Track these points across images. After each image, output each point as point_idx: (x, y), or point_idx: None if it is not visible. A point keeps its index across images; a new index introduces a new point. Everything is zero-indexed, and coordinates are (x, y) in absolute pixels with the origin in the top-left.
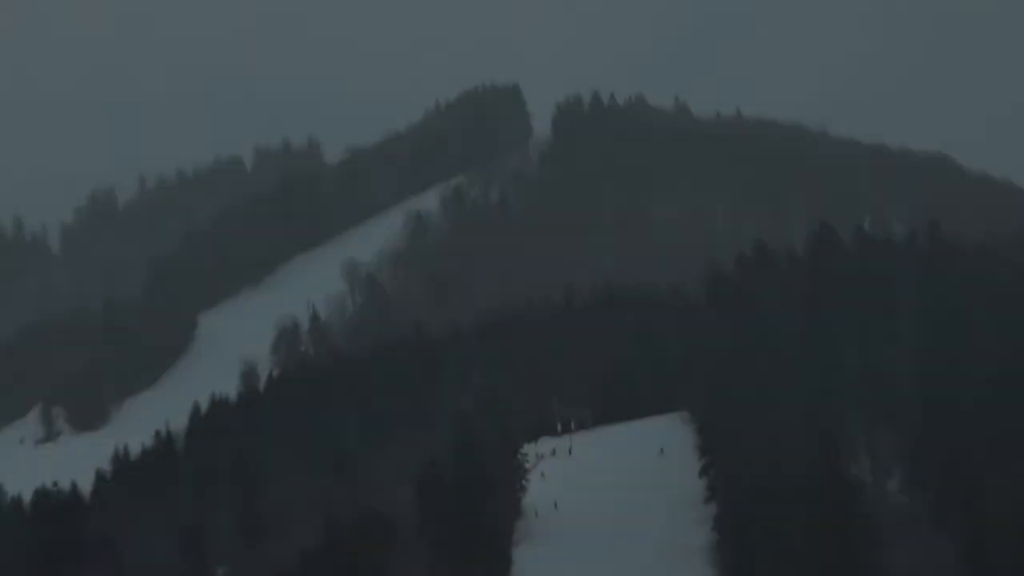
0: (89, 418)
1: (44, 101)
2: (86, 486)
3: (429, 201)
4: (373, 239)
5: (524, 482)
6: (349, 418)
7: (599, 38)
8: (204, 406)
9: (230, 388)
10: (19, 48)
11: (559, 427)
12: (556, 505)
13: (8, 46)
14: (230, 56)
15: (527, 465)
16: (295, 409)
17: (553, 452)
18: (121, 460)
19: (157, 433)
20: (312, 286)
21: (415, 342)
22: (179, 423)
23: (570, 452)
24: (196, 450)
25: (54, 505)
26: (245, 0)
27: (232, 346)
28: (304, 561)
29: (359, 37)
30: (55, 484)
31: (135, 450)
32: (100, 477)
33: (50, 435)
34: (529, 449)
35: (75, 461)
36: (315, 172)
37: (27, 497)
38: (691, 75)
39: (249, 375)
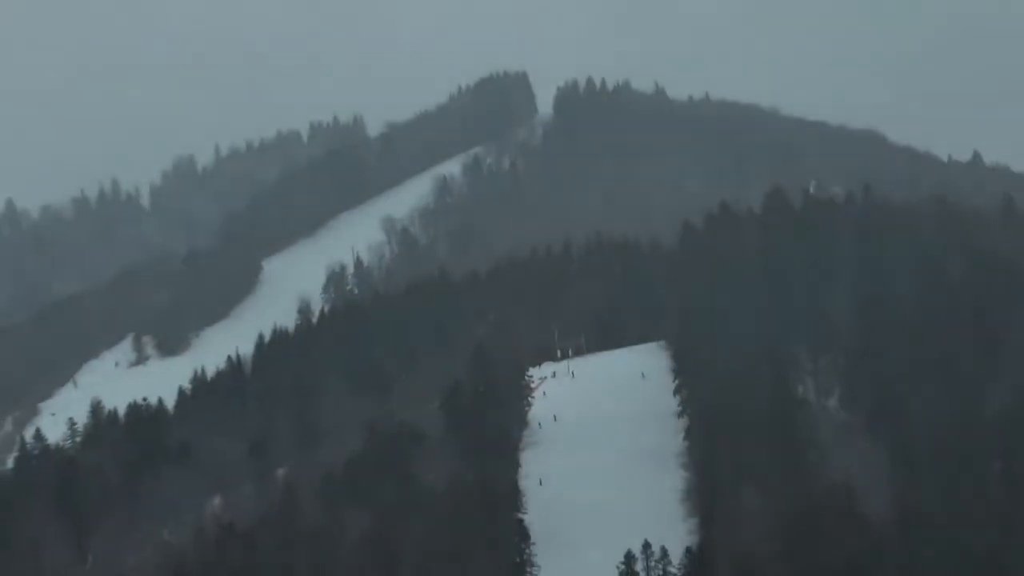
0: (172, 346)
1: (135, 77)
2: (169, 401)
3: (452, 167)
4: (406, 198)
5: (529, 399)
6: (386, 346)
7: (593, 33)
8: (267, 336)
9: (288, 321)
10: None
11: (558, 353)
12: (555, 418)
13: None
14: (293, 46)
15: (532, 385)
16: (341, 338)
17: (553, 374)
18: (198, 380)
19: (228, 358)
20: (356, 237)
21: (440, 283)
22: (246, 350)
23: (570, 374)
24: (260, 372)
25: (143, 417)
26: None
27: (290, 287)
28: (349, 463)
29: (396, 34)
30: (144, 400)
31: (210, 372)
32: (181, 394)
33: (140, 360)
34: (534, 372)
35: (160, 381)
36: (359, 143)
37: (121, 410)
38: (668, 64)
39: (304, 311)
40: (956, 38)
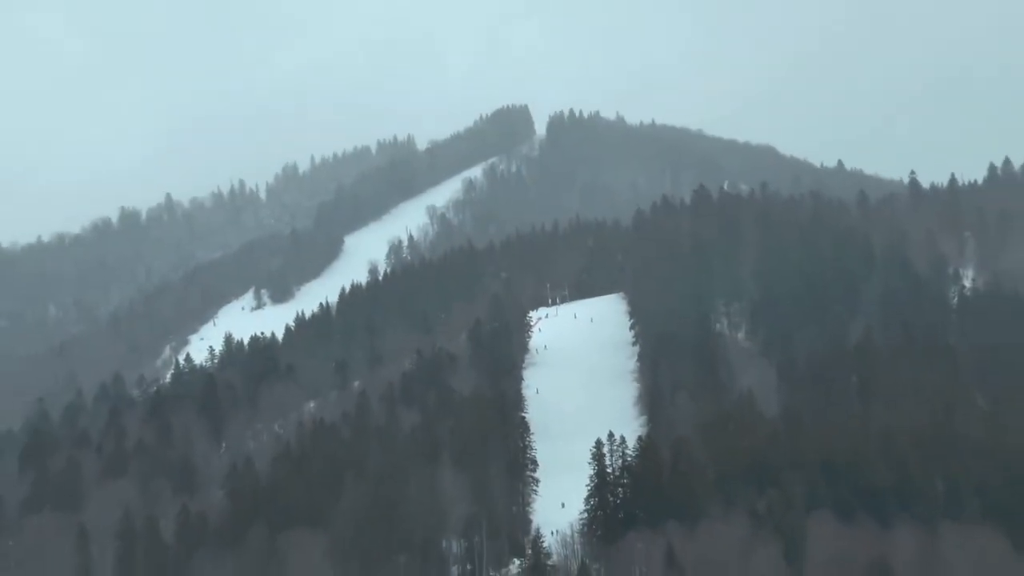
0: (281, 296)
1: (256, 104)
2: (279, 335)
3: (476, 172)
4: (444, 193)
5: (529, 333)
6: (429, 295)
7: (574, 76)
8: (347, 289)
9: (362, 279)
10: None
11: (549, 302)
12: (546, 347)
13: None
14: (369, 85)
15: (531, 324)
16: (398, 291)
17: (546, 316)
18: (299, 320)
19: (320, 305)
20: (409, 220)
21: (466, 252)
22: (333, 299)
23: (557, 316)
24: (342, 314)
25: (261, 345)
26: (382, 56)
27: (363, 255)
28: (403, 377)
29: (438, 78)
30: (261, 334)
31: (307, 315)
32: (287, 330)
33: (259, 306)
34: (532, 315)
35: (273, 321)
36: (411, 155)
37: (246, 341)
38: (626, 97)
39: (372, 271)
40: (821, 74)
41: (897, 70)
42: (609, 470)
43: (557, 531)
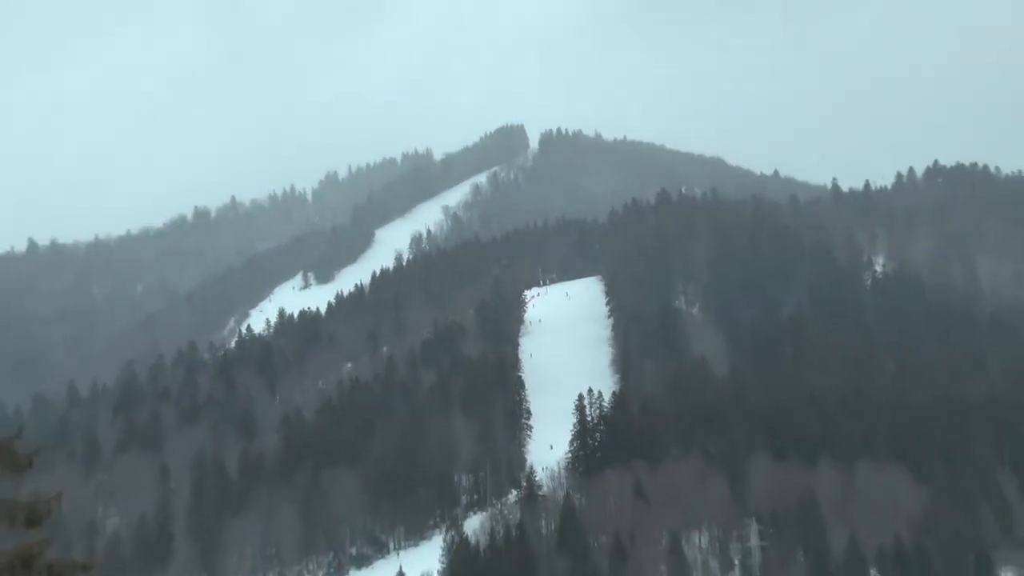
0: (324, 278)
1: (301, 121)
2: (323, 309)
3: (482, 179)
4: (456, 196)
5: (524, 309)
6: (444, 278)
7: (561, 98)
8: (377, 273)
9: (389, 265)
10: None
11: (541, 283)
12: (540, 320)
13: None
14: (393, 103)
15: (526, 301)
16: (419, 275)
17: (538, 294)
18: (339, 298)
19: (356, 286)
20: (428, 217)
21: (474, 244)
22: (366, 281)
23: (547, 294)
24: (374, 293)
25: (308, 318)
26: (401, 75)
27: (390, 245)
28: (423, 344)
29: (452, 100)
30: (308, 308)
31: (346, 293)
32: (329, 306)
33: (306, 286)
34: (527, 293)
35: (318, 298)
36: (429, 164)
37: (295, 314)
38: (603, 116)
39: (398, 259)
40: (760, 99)
41: (819, 95)
42: (589, 419)
43: (546, 468)
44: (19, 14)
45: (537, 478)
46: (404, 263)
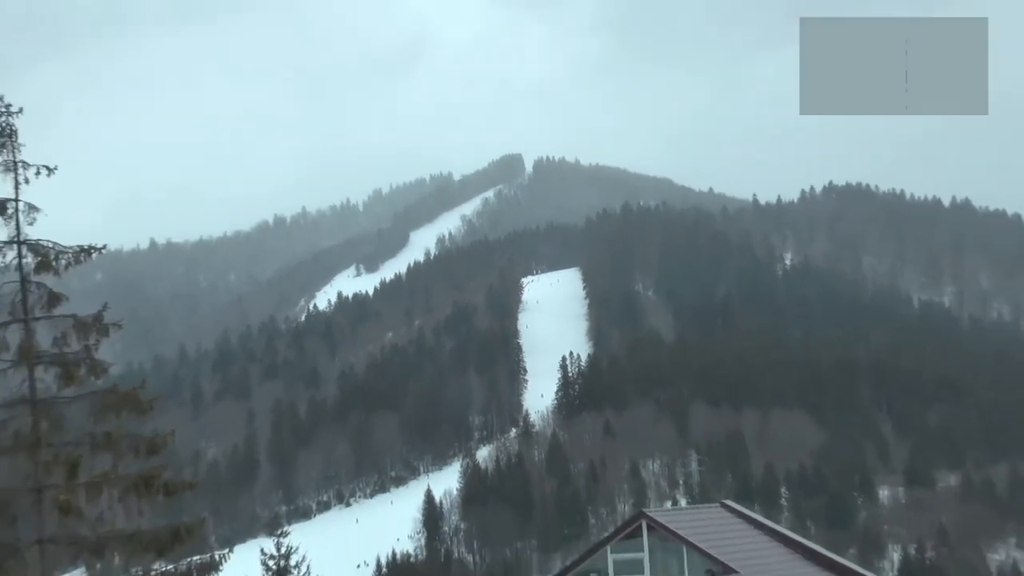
0: (372, 268)
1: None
2: (371, 292)
3: (490, 194)
4: (471, 207)
5: (522, 292)
6: (462, 268)
7: (548, 134)
8: (412, 265)
9: (421, 259)
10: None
11: (534, 272)
12: (538, 301)
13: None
14: (423, 134)
15: (523, 286)
16: (443, 267)
17: (532, 281)
18: (383, 284)
19: (395, 274)
20: (448, 224)
21: (485, 243)
22: (402, 272)
23: (539, 282)
24: (409, 280)
25: (359, 299)
26: (429, 114)
27: (420, 245)
28: (446, 319)
29: (468, 138)
30: (360, 292)
31: (388, 280)
32: (375, 290)
33: (359, 274)
34: (524, 280)
35: (367, 285)
36: (450, 184)
37: (350, 297)
38: (579, 145)
39: (427, 255)
40: (698, 129)
41: (744, 128)
42: (570, 375)
43: (538, 412)
44: (147, 61)
45: (531, 419)
46: (431, 257)
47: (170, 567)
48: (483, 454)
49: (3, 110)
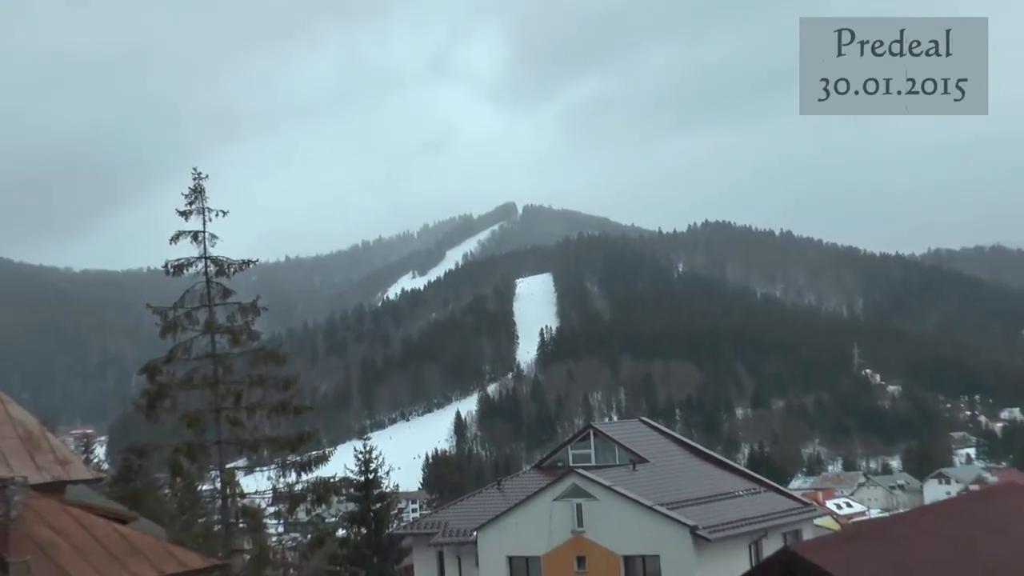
0: (422, 273)
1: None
2: (422, 289)
3: (496, 227)
4: (483, 236)
5: (515, 289)
6: (478, 274)
7: (533, 186)
8: (447, 272)
9: (453, 268)
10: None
11: (522, 276)
12: (530, 294)
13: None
14: (451, 188)
15: (516, 286)
16: (467, 273)
17: (521, 283)
18: (429, 283)
19: (436, 277)
20: (469, 246)
21: (492, 259)
22: (441, 276)
23: (527, 282)
24: (446, 282)
25: (416, 292)
26: (457, 181)
27: (452, 259)
28: (469, 304)
29: (480, 191)
30: (415, 288)
31: (432, 281)
32: (425, 288)
33: (413, 277)
34: (516, 282)
35: (420, 283)
36: (469, 220)
37: (408, 291)
38: (553, 195)
39: (457, 265)
40: (626, 178)
41: (655, 177)
42: (545, 340)
43: (526, 363)
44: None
45: (521, 368)
46: (459, 267)
47: (297, 458)
48: (491, 389)
49: (197, 176)
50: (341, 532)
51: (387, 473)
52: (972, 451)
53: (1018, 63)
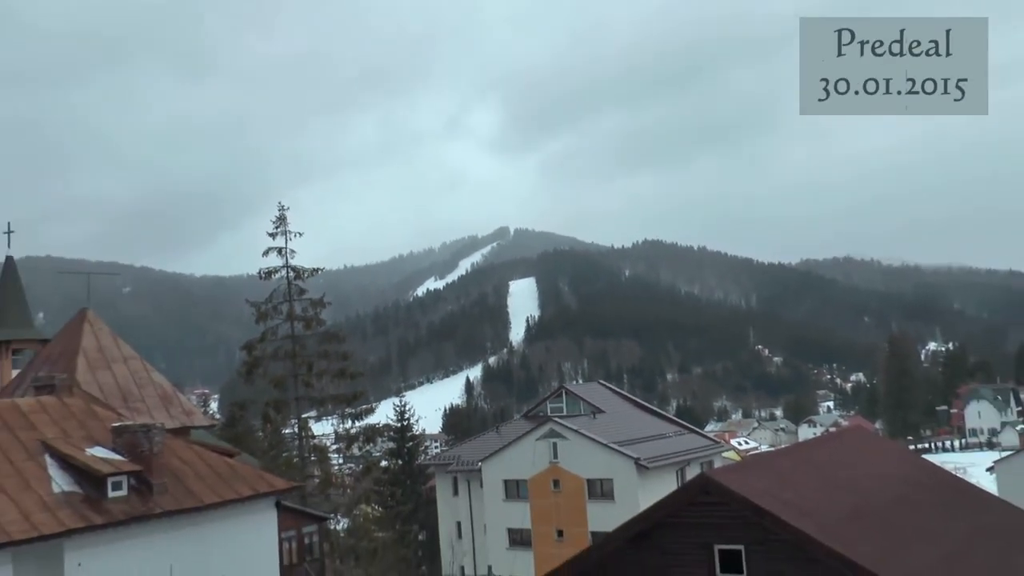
0: (442, 276)
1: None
2: (442, 288)
3: (493, 244)
4: (484, 251)
5: (509, 288)
6: (481, 278)
7: (522, 213)
8: (459, 276)
9: (464, 274)
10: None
11: (514, 279)
12: (520, 292)
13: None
14: (466, 222)
15: (509, 287)
16: (474, 277)
17: (513, 284)
18: (448, 284)
19: (452, 281)
20: (475, 258)
21: (491, 267)
22: (456, 279)
23: (519, 284)
24: (460, 284)
25: (439, 291)
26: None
27: (464, 267)
28: (475, 299)
29: (486, 217)
30: (437, 288)
31: (450, 282)
32: (445, 288)
33: (437, 280)
34: (510, 283)
35: (439, 283)
36: (476, 240)
37: (433, 290)
38: (535, 218)
39: (466, 272)
40: (593, 202)
41: (608, 197)
42: (531, 326)
43: (517, 341)
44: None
45: (513, 345)
46: (468, 272)
47: (352, 410)
48: (492, 360)
49: (281, 208)
50: (384, 463)
51: (416, 421)
52: (831, 403)
53: None
